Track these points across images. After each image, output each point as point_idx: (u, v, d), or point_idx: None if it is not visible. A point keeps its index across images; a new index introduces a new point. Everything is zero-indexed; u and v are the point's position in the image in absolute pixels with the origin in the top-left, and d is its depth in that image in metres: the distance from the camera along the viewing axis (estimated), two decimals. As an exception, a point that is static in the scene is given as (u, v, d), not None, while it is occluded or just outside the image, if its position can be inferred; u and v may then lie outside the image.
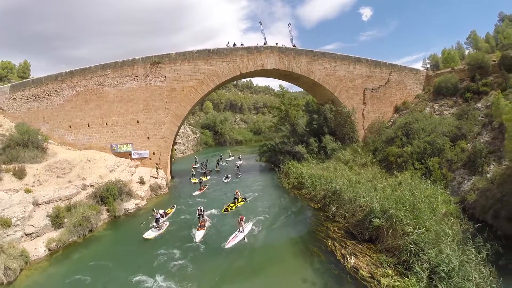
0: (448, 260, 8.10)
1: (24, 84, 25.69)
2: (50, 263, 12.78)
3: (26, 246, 13.29)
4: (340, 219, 13.96)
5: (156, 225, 14.88)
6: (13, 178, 17.65)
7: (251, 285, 10.08)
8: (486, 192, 14.90)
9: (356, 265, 9.73)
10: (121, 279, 10.89)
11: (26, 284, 11.42)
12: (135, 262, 12.08)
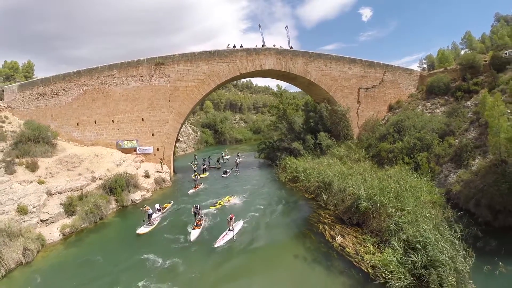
0: (425, 235, 9.22)
1: (32, 83, 26.82)
2: (64, 246, 13.93)
3: (41, 231, 14.46)
4: (331, 207, 15.21)
5: (148, 221, 15.19)
6: (26, 171, 18.84)
7: (245, 267, 11.19)
8: (470, 183, 16.05)
9: (342, 244, 10.95)
10: (129, 261, 11.93)
11: (43, 264, 12.52)
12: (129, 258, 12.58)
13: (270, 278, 10.07)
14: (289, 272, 10.36)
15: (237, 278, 10.32)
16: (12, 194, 15.97)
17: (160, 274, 10.64)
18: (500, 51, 29.09)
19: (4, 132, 23.10)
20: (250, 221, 15.27)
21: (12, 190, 16.34)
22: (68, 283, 10.51)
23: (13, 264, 11.95)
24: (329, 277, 9.66)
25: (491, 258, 10.39)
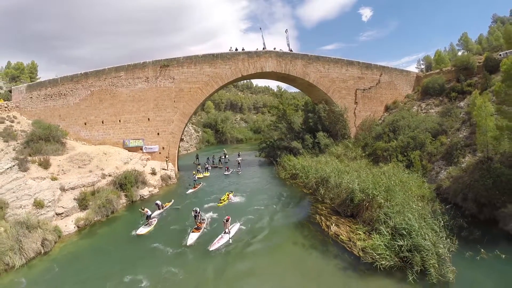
0: (409, 223, 10.28)
1: (40, 84, 27.79)
2: (79, 238, 14.96)
3: (58, 224, 15.49)
4: (328, 200, 16.33)
5: (146, 222, 15.48)
6: (39, 168, 19.83)
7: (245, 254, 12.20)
8: (459, 179, 17.10)
9: (337, 232, 12.05)
10: (139, 252, 12.85)
11: (60, 254, 13.51)
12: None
13: (271, 262, 11.15)
14: (288, 256, 11.50)
15: (236, 274, 10.78)
16: (27, 190, 16.99)
17: (152, 277, 10.48)
18: (496, 52, 30.08)
19: (14, 131, 24.10)
20: (253, 213, 16.36)
21: (27, 186, 17.35)
22: (84, 272, 11.34)
23: (33, 254, 12.89)
24: (324, 260, 10.79)
25: (474, 246, 11.42)
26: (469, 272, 9.78)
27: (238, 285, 9.88)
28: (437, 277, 8.99)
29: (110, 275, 10.94)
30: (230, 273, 10.56)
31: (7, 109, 27.08)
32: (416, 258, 9.28)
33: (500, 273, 9.90)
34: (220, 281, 10.12)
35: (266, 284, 9.86)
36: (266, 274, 10.52)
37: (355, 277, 9.50)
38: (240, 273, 10.64)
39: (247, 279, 10.28)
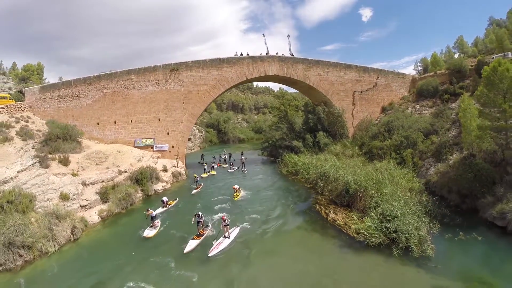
0: (395, 209, 12.01)
1: (54, 86, 29.28)
2: (103, 227, 16.58)
3: (83, 215, 17.11)
4: (326, 193, 18.15)
5: (151, 223, 15.47)
6: (59, 165, 21.42)
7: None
8: (445, 174, 18.83)
9: (335, 218, 13.84)
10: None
11: (87, 242, 15.07)
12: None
13: (278, 241, 12.89)
14: (293, 238, 13.33)
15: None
16: (51, 185, 18.60)
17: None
18: (490, 55, 31.80)
19: (30, 130, 25.66)
20: (260, 204, 18.11)
21: (50, 181, 18.96)
22: (109, 257, 12.54)
23: (64, 241, 14.40)
24: (324, 240, 12.60)
25: (454, 230, 13.15)
26: (447, 250, 11.53)
27: (257, 261, 11.49)
28: (419, 253, 10.73)
29: (129, 261, 12.21)
30: (244, 256, 12.15)
31: (20, 109, 28.44)
32: (401, 238, 11.01)
33: (475, 251, 11.62)
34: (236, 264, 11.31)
35: (277, 259, 11.54)
36: (276, 251, 12.21)
37: (350, 253, 11.30)
38: (255, 252, 12.27)
39: (262, 255, 12.00)
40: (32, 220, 14.91)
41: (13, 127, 24.55)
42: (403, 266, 10.27)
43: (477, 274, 10.06)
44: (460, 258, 11.11)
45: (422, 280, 9.62)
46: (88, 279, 10.78)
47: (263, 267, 11.04)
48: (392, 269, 10.20)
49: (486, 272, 10.19)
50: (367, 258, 10.81)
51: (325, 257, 11.28)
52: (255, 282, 10.10)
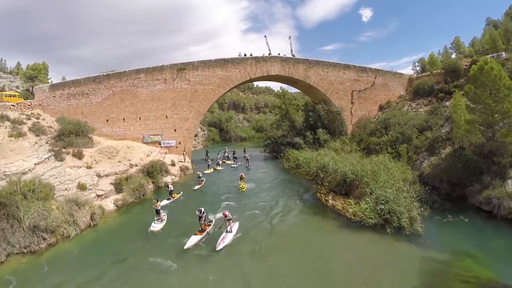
0: (387, 195, 13.34)
1: (63, 84, 30.38)
2: (118, 215, 17.81)
3: (100, 203, 18.34)
4: (326, 183, 19.55)
5: (157, 217, 15.58)
6: (74, 158, 22.62)
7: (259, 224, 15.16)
8: (437, 166, 20.16)
9: (334, 204, 15.20)
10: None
11: (105, 227, 16.22)
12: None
13: (284, 224, 14.21)
14: (297, 221, 14.68)
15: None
16: (68, 176, 19.82)
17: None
18: (485, 55, 33.13)
19: (42, 127, 26.85)
20: (266, 194, 19.46)
21: (66, 173, 20.17)
22: (125, 242, 13.47)
23: (84, 226, 15.55)
24: (324, 222, 13.98)
25: (443, 213, 14.45)
26: (436, 229, 12.86)
27: (265, 240, 12.77)
28: (410, 230, 12.07)
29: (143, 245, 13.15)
30: (254, 236, 13.36)
31: (30, 106, 29.52)
32: (394, 218, 12.33)
33: (461, 230, 12.92)
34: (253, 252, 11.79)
35: (282, 239, 12.88)
36: (281, 232, 13.57)
37: (348, 232, 12.62)
38: (264, 233, 13.54)
39: (269, 235, 13.29)
40: (53, 207, 16.15)
41: (25, 124, 25.58)
42: (395, 242, 11.57)
43: (462, 248, 11.34)
44: (447, 236, 12.41)
45: (412, 252, 10.91)
46: (106, 261, 11.62)
47: (270, 244, 12.30)
48: (385, 245, 11.50)
49: (471, 246, 11.49)
50: (363, 236, 12.13)
51: (326, 235, 12.61)
52: (265, 257, 11.35)
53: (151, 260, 11.45)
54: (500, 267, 10.03)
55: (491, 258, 10.60)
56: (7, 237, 12.76)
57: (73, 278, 10.37)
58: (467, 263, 10.14)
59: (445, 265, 10.06)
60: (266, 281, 9.65)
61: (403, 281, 9.10)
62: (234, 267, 10.60)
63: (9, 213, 13.54)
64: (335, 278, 9.62)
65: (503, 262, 10.49)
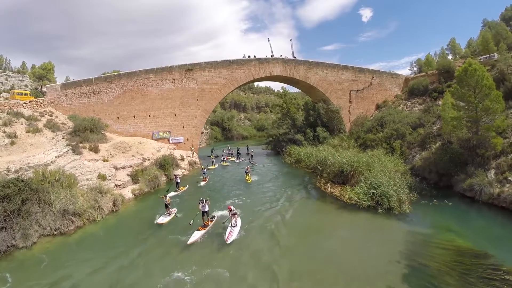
0: (379, 180, 15.15)
1: (75, 83, 31.88)
2: (136, 202, 19.52)
3: (120, 192, 20.01)
4: (325, 175, 21.45)
5: (166, 211, 15.93)
6: (90, 152, 24.27)
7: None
8: (427, 159, 21.91)
9: (332, 191, 16.99)
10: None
11: (126, 212, 17.82)
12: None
13: (289, 208, 15.94)
14: (299, 205, 16.50)
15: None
16: (87, 168, 21.46)
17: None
18: (478, 57, 34.87)
19: (56, 123, 28.46)
20: (270, 185, 21.23)
21: (85, 165, 21.80)
22: (144, 226, 14.90)
23: (107, 211, 17.18)
24: (324, 205, 15.89)
25: (430, 199, 16.34)
26: (422, 211, 14.67)
27: (272, 219, 14.47)
28: (398, 211, 13.92)
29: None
30: (265, 217, 15.06)
31: (42, 104, 30.99)
32: (384, 200, 14.11)
33: (445, 212, 14.68)
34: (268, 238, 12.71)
35: (287, 219, 14.58)
36: (287, 216, 15.12)
37: (345, 213, 14.44)
38: (273, 216, 15.11)
39: (279, 219, 14.77)
40: (78, 195, 17.83)
41: (39, 120, 27.04)
42: (385, 220, 13.36)
43: (445, 225, 13.01)
44: (432, 216, 14.18)
45: (400, 228, 12.69)
46: (128, 242, 12.90)
47: (276, 226, 13.88)
48: (377, 222, 13.27)
49: (454, 224, 13.14)
50: (357, 216, 13.95)
51: (325, 216, 14.46)
52: (273, 237, 13.00)
53: (162, 250, 12.07)
54: (478, 240, 11.63)
55: (471, 233, 12.33)
56: (39, 220, 14.23)
57: (99, 257, 11.50)
58: (449, 236, 11.89)
59: (428, 237, 11.82)
60: (280, 256, 10.85)
61: (390, 248, 10.83)
62: (248, 252, 11.28)
63: (41, 198, 15.02)
64: (334, 249, 11.35)
65: (481, 237, 12.10)
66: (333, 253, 11.01)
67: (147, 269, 10.60)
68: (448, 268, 9.50)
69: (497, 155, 18.33)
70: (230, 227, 12.93)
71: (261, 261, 10.60)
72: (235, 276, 9.66)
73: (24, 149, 22.41)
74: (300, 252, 11.19)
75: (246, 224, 13.91)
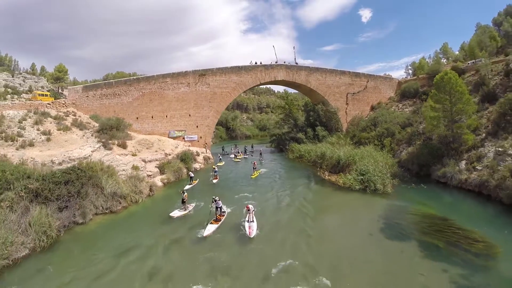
0: (367, 168, 18.83)
1: (96, 86, 35.13)
2: (166, 189, 22.95)
3: (152, 180, 23.45)
4: (324, 166, 25.11)
5: (182, 206, 16.76)
6: (119, 148, 27.62)
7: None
8: (411, 153, 25.52)
9: (329, 178, 20.63)
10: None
11: (159, 196, 21.14)
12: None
13: (292, 192, 19.51)
14: (303, 187, 20.19)
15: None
16: (120, 161, 24.84)
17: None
18: (465, 62, 38.24)
19: (82, 122, 31.75)
20: (277, 176, 24.81)
21: (118, 159, 25.16)
22: (174, 208, 17.16)
23: (145, 195, 20.40)
24: (323, 188, 19.75)
25: (409, 183, 19.93)
26: (401, 191, 18.29)
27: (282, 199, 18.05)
28: (382, 191, 17.63)
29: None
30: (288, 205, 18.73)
31: (64, 105, 34.05)
32: (371, 183, 17.78)
33: (420, 192, 18.29)
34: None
35: (293, 199, 18.06)
36: (294, 198, 18.58)
37: (339, 193, 18.31)
38: (283, 199, 18.64)
39: (288, 201, 18.19)
40: (120, 181, 21.17)
41: (66, 120, 30.26)
42: (372, 197, 17.10)
43: (419, 201, 16.61)
44: (409, 195, 17.84)
45: (383, 202, 16.40)
46: (164, 219, 15.93)
47: (287, 207, 17.47)
48: (365, 200, 17.00)
49: (426, 200, 16.68)
50: (350, 195, 17.71)
51: (324, 196, 18.19)
52: (283, 212, 16.59)
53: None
54: (443, 210, 15.07)
55: (438, 206, 15.80)
56: (93, 201, 17.49)
57: (141, 230, 14.31)
58: (420, 207, 15.53)
59: (403, 208, 15.51)
60: (296, 231, 13.40)
61: (374, 215, 14.45)
62: (274, 238, 12.71)
63: (94, 183, 18.39)
64: (333, 218, 15.02)
65: (446, 209, 15.50)
66: (332, 221, 14.65)
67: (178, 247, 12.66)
68: (416, 225, 13.20)
69: (470, 149, 21.97)
70: (248, 223, 13.48)
71: (286, 243, 12.25)
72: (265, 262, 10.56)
73: (60, 144, 25.79)
74: (310, 225, 14.02)
75: (260, 208, 16.86)
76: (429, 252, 10.85)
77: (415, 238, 12.00)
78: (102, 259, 11.47)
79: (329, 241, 12.30)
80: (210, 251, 11.70)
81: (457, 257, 10.46)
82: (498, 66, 30.80)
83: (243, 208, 15.05)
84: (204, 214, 15.13)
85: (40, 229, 13.30)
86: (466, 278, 9.19)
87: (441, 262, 10.07)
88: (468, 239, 11.60)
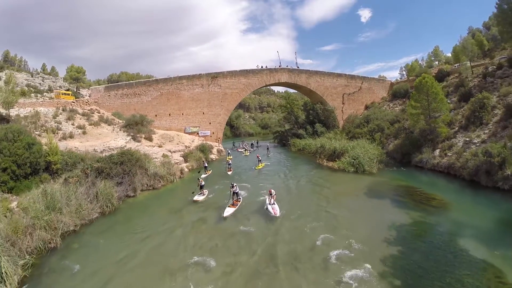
0: (357, 154, 23.35)
1: (117, 86, 39.07)
2: (191, 174, 27.06)
3: (181, 166, 27.67)
4: (322, 156, 29.58)
5: (200, 191, 19.13)
6: (146, 141, 31.71)
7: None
8: (397, 144, 29.98)
9: (327, 164, 25.09)
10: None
11: (187, 178, 25.26)
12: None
13: (296, 176, 23.88)
14: (305, 171, 24.52)
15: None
16: (150, 151, 28.89)
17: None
18: (451, 65, 42.35)
19: (108, 118, 35.73)
20: (282, 166, 29.31)
21: (147, 149, 29.24)
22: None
23: (177, 178, 24.66)
24: (321, 171, 24.18)
25: (392, 168, 24.44)
26: (384, 172, 22.75)
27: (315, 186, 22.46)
28: (369, 172, 22.18)
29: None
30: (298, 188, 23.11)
31: (87, 103, 37.97)
32: (360, 166, 22.28)
33: (400, 173, 22.76)
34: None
35: (298, 182, 22.40)
36: (300, 180, 22.86)
37: (335, 175, 22.77)
38: (293, 181, 23.13)
39: (296, 183, 22.64)
40: (157, 164, 25.22)
41: (92, 116, 34.19)
42: (361, 176, 21.62)
43: (397, 177, 21.10)
44: (390, 175, 22.32)
45: (369, 179, 20.88)
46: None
47: (297, 189, 21.90)
48: (355, 178, 21.51)
49: (403, 177, 21.18)
50: (343, 175, 22.29)
51: (323, 177, 22.60)
52: (296, 195, 20.96)
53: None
54: (415, 183, 19.60)
55: (411, 181, 20.33)
56: (140, 179, 21.96)
57: (177, 203, 17.99)
58: (396, 181, 20.11)
59: (385, 182, 20.06)
60: (309, 205, 18.78)
61: (362, 187, 18.93)
62: (295, 215, 14.83)
63: (140, 165, 22.61)
64: (331, 193, 19.22)
65: (417, 182, 20.07)
66: (330, 194, 18.97)
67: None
68: (392, 191, 17.78)
69: (444, 140, 26.41)
70: (271, 205, 15.00)
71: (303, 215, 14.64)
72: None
73: (95, 137, 29.91)
74: (316, 198, 19.04)
75: (276, 190, 21.81)
76: (399, 205, 15.33)
77: (390, 198, 16.60)
78: (154, 221, 15.01)
79: (336, 208, 15.61)
80: (240, 225, 13.63)
81: (420, 208, 14.90)
82: (479, 69, 34.82)
83: (262, 192, 18.32)
84: (221, 200, 17.52)
85: (106, 198, 17.49)
86: (424, 218, 13.61)
87: (407, 210, 14.55)
88: (430, 199, 16.09)
